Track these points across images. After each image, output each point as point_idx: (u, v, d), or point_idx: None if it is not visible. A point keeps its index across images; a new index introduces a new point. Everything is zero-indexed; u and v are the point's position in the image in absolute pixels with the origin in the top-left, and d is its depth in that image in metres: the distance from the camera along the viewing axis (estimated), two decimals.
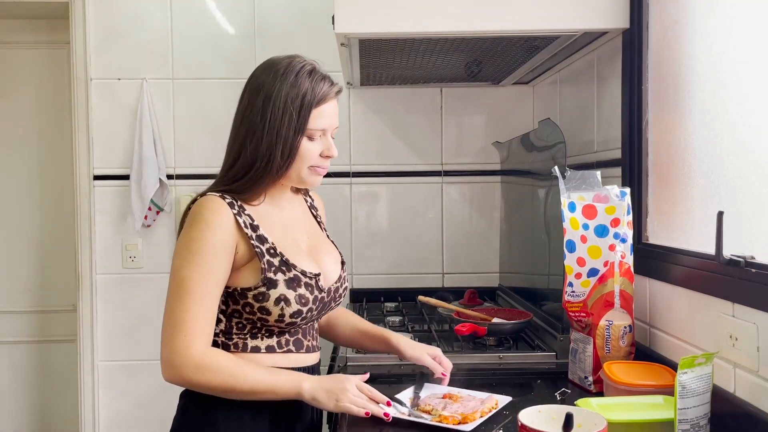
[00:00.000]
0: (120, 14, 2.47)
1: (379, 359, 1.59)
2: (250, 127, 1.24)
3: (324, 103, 1.26)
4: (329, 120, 1.28)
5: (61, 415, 2.83)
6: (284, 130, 1.23)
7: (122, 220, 2.49)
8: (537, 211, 1.92)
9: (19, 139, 2.82)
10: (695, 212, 1.36)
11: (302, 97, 1.23)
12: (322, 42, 2.42)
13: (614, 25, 1.59)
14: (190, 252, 1.19)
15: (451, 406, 1.23)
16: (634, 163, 1.59)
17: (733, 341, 1.14)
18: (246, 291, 1.23)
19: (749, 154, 1.19)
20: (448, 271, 2.55)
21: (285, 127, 1.23)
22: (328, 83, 1.27)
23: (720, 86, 1.28)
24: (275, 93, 1.23)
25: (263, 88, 1.25)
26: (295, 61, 1.27)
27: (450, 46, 1.79)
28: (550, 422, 0.98)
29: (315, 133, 1.26)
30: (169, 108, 2.49)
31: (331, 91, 1.27)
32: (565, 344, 1.53)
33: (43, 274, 2.84)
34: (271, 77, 1.25)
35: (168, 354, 1.17)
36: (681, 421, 1.03)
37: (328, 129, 1.28)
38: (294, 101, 1.23)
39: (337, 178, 2.49)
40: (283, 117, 1.23)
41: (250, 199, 1.28)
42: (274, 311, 1.23)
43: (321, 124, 1.26)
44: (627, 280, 1.40)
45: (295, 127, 1.24)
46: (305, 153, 1.26)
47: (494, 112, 2.53)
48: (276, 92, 1.23)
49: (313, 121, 1.25)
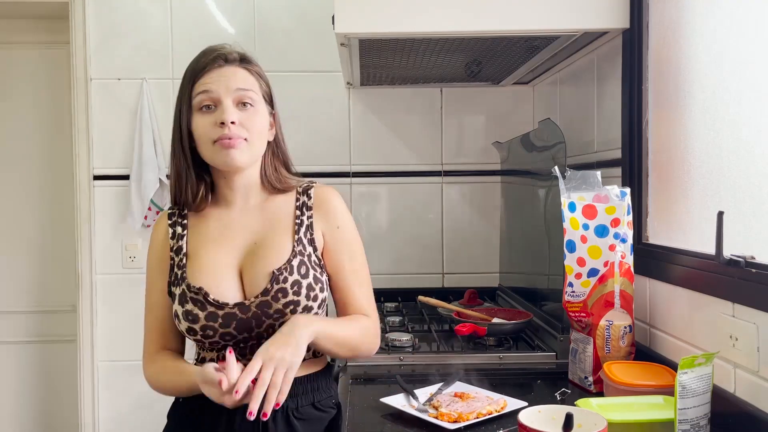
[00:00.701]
0: (120, 14, 2.47)
1: (379, 359, 1.59)
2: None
3: (206, 73, 1.21)
4: (213, 84, 1.19)
5: (61, 415, 2.83)
6: (177, 115, 1.23)
7: (122, 220, 2.49)
8: (537, 211, 1.92)
9: (19, 140, 2.82)
10: (695, 212, 1.36)
11: (184, 75, 1.24)
12: (322, 42, 2.43)
13: (614, 25, 1.59)
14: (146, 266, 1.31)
15: (456, 404, 1.24)
16: (634, 163, 1.58)
17: (733, 341, 1.14)
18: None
19: (749, 154, 1.19)
20: (448, 271, 2.55)
21: (178, 112, 1.23)
22: (211, 51, 1.23)
23: (720, 86, 1.28)
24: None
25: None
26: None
27: (450, 46, 1.79)
28: (550, 422, 0.98)
29: (201, 100, 1.19)
30: (169, 108, 2.46)
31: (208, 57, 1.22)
32: (565, 344, 1.52)
33: (43, 274, 2.84)
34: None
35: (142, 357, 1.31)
36: (681, 421, 1.03)
37: (218, 95, 1.19)
38: (182, 84, 1.24)
39: (337, 178, 2.49)
40: (177, 104, 1.24)
41: (195, 204, 1.26)
42: (177, 326, 1.24)
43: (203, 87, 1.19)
44: (627, 280, 1.40)
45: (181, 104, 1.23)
46: (197, 128, 1.20)
47: (494, 112, 2.53)
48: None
49: (195, 90, 1.21)
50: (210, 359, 1.23)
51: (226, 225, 1.26)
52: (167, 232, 1.27)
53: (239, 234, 1.26)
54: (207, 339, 1.20)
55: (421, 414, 1.21)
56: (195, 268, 1.22)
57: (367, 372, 1.54)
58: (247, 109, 1.21)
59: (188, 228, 1.26)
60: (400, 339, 1.69)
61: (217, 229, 1.26)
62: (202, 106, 1.19)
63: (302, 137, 2.46)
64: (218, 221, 1.27)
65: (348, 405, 1.32)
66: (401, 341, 1.69)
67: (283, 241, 1.24)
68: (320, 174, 2.47)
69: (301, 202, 1.29)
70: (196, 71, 1.21)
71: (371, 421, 1.23)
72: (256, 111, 1.22)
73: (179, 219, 1.27)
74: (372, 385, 1.46)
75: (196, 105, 1.20)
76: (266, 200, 1.29)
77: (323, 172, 2.48)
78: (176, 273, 1.24)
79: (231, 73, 1.21)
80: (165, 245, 1.27)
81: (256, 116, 1.21)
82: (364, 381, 1.49)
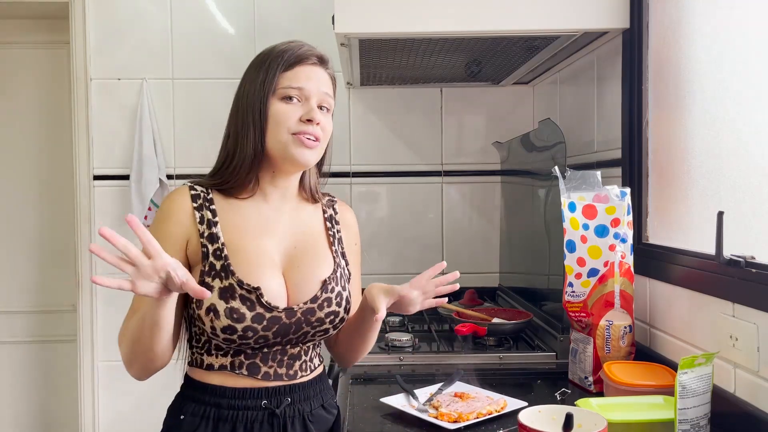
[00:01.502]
0: (120, 14, 2.47)
1: (379, 359, 1.59)
2: (231, 115, 1.21)
3: (298, 66, 1.18)
4: (306, 82, 1.17)
5: (61, 415, 2.82)
6: (258, 95, 1.16)
7: (122, 220, 2.49)
8: (537, 211, 1.92)
9: (19, 139, 2.82)
10: (695, 212, 1.36)
11: (270, 61, 1.18)
12: (322, 42, 2.38)
13: (614, 25, 1.59)
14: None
15: (456, 404, 1.24)
16: (634, 163, 1.58)
17: (733, 341, 1.14)
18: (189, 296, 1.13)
19: (749, 154, 1.19)
20: (448, 271, 2.54)
21: (254, 91, 1.17)
22: (305, 47, 1.20)
23: (720, 86, 1.28)
24: (249, 69, 1.21)
25: (244, 75, 1.22)
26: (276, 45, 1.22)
27: (450, 46, 1.79)
28: (550, 422, 0.98)
29: (290, 92, 1.16)
30: (169, 108, 2.49)
31: (304, 53, 1.19)
32: (565, 344, 1.52)
33: (43, 274, 2.84)
34: (250, 64, 1.23)
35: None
36: (681, 421, 1.03)
37: (308, 92, 1.17)
38: (263, 65, 1.18)
39: (337, 178, 2.48)
40: (251, 84, 1.18)
41: (238, 190, 1.20)
42: (206, 322, 1.12)
43: (296, 82, 1.16)
44: (627, 280, 1.40)
45: (262, 89, 1.16)
46: (278, 115, 1.15)
47: (494, 112, 2.53)
48: (248, 69, 1.21)
49: (286, 81, 1.16)
50: (220, 366, 1.16)
51: (264, 220, 1.21)
52: (192, 215, 1.16)
53: (279, 234, 1.22)
54: (242, 340, 1.13)
55: (421, 414, 1.21)
56: (242, 263, 1.14)
57: (367, 372, 1.54)
58: (324, 113, 1.21)
59: (218, 215, 1.17)
60: (400, 339, 1.69)
61: (254, 223, 1.20)
62: (286, 96, 1.16)
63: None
64: (255, 214, 1.21)
65: (348, 405, 1.32)
66: (401, 341, 1.69)
67: (325, 251, 1.25)
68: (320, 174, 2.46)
69: (328, 215, 1.31)
70: (289, 61, 1.17)
71: (371, 421, 1.23)
72: (330, 117, 1.23)
73: (205, 203, 1.17)
74: (372, 385, 1.46)
75: (281, 94, 1.16)
76: (297, 207, 1.27)
77: (323, 171, 2.47)
78: (213, 263, 1.13)
79: (321, 74, 1.21)
80: (189, 228, 1.16)
81: (330, 122, 1.22)
82: (364, 381, 1.49)
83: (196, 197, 1.18)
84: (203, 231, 1.15)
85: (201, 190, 1.19)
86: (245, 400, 1.15)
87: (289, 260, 1.20)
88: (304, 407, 1.20)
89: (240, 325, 1.11)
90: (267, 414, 1.16)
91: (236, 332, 1.11)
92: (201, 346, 1.18)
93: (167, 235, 1.14)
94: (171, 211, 1.16)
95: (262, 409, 1.16)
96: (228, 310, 1.11)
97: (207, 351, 1.17)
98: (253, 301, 1.12)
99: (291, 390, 1.19)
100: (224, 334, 1.12)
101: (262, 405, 1.16)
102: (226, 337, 1.12)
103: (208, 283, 1.12)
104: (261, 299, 1.12)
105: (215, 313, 1.11)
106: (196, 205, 1.16)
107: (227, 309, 1.11)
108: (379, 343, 1.67)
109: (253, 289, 1.12)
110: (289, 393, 1.19)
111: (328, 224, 1.29)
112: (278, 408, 1.16)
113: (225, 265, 1.13)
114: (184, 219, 1.16)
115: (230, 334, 1.12)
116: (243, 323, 1.11)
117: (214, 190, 1.20)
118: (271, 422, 1.16)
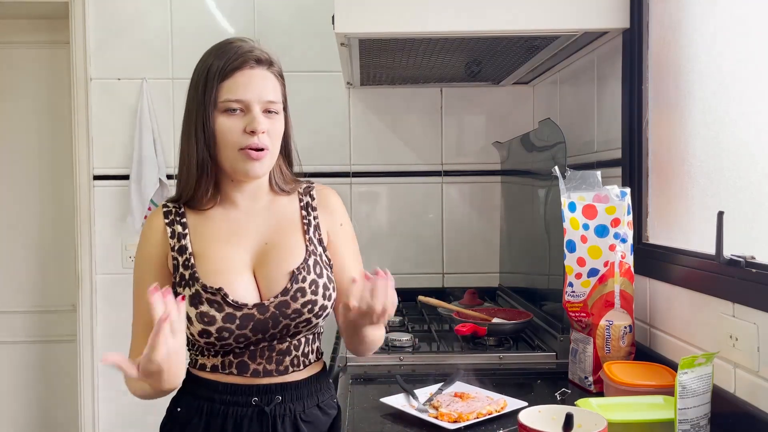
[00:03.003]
0: (120, 14, 2.47)
1: (379, 359, 1.59)
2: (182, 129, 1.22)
3: (235, 73, 1.15)
4: (245, 91, 1.15)
5: (61, 415, 2.82)
6: (194, 110, 1.16)
7: (122, 220, 2.49)
8: (537, 211, 1.92)
9: (18, 139, 2.82)
10: (695, 212, 1.36)
11: (206, 72, 1.15)
12: (322, 42, 2.42)
13: (614, 25, 1.59)
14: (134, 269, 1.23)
15: (456, 404, 1.24)
16: (634, 163, 1.58)
17: (734, 341, 1.14)
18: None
19: (749, 154, 1.19)
20: (448, 271, 2.55)
21: (195, 106, 1.16)
22: (237, 54, 1.16)
23: (720, 86, 1.28)
24: (193, 77, 1.19)
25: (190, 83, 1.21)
26: (213, 46, 1.20)
27: (450, 46, 1.79)
28: (550, 422, 0.98)
29: (230, 105, 1.14)
30: (169, 108, 2.49)
31: (240, 59, 1.15)
32: (565, 344, 1.52)
33: (43, 274, 2.84)
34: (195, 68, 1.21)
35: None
36: (681, 421, 1.03)
37: (248, 101, 1.15)
38: (200, 77, 1.16)
39: (337, 178, 2.48)
40: (191, 99, 1.18)
41: (200, 203, 1.21)
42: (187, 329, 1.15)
43: (235, 95, 1.14)
44: (627, 280, 1.40)
45: (204, 103, 1.15)
46: (223, 130, 1.14)
47: (494, 112, 2.53)
48: (193, 75, 1.19)
49: (225, 93, 1.14)
50: (212, 366, 1.19)
51: (234, 225, 1.23)
52: (164, 231, 1.20)
53: (248, 235, 1.23)
54: (221, 341, 1.15)
55: (421, 414, 1.21)
56: (208, 269, 1.17)
57: (367, 372, 1.54)
58: (271, 116, 1.18)
59: (189, 227, 1.20)
60: (400, 339, 1.69)
61: (223, 230, 1.22)
62: (227, 109, 1.15)
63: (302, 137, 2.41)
64: (224, 221, 1.22)
65: (348, 405, 1.32)
66: (401, 341, 1.69)
67: (296, 241, 1.24)
68: (320, 174, 2.47)
69: (305, 202, 1.30)
70: (225, 71, 1.15)
71: (371, 421, 1.23)
72: (279, 117, 1.21)
73: (176, 218, 1.21)
74: (372, 385, 1.46)
75: (222, 107, 1.15)
76: (272, 201, 1.28)
77: (323, 172, 2.48)
78: (183, 273, 1.17)
79: (261, 78, 1.17)
80: (163, 245, 1.20)
81: (278, 123, 1.20)
82: (364, 381, 1.49)
83: (167, 213, 1.22)
84: (174, 245, 1.20)
85: (173, 206, 1.23)
86: (236, 396, 1.18)
87: (260, 258, 1.21)
88: (296, 406, 1.20)
89: (212, 327, 1.14)
90: (257, 411, 1.18)
91: (211, 335, 1.15)
92: (194, 348, 1.23)
93: (146, 257, 1.22)
94: (146, 235, 1.23)
95: (252, 405, 1.18)
96: (198, 315, 1.14)
97: (200, 352, 1.21)
98: (220, 302, 1.15)
99: (282, 388, 1.20)
100: (202, 338, 1.16)
101: (252, 402, 1.18)
102: (205, 340, 1.16)
103: (179, 292, 1.17)
104: (227, 299, 1.15)
105: (189, 320, 1.14)
106: (167, 220, 1.21)
107: (198, 314, 1.14)
108: None
109: (216, 290, 1.15)
110: (280, 391, 1.19)
111: (303, 212, 1.28)
112: (268, 406, 1.17)
113: (192, 273, 1.17)
114: (159, 238, 1.21)
115: (207, 338, 1.15)
116: (215, 325, 1.14)
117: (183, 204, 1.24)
118: (260, 420, 1.18)
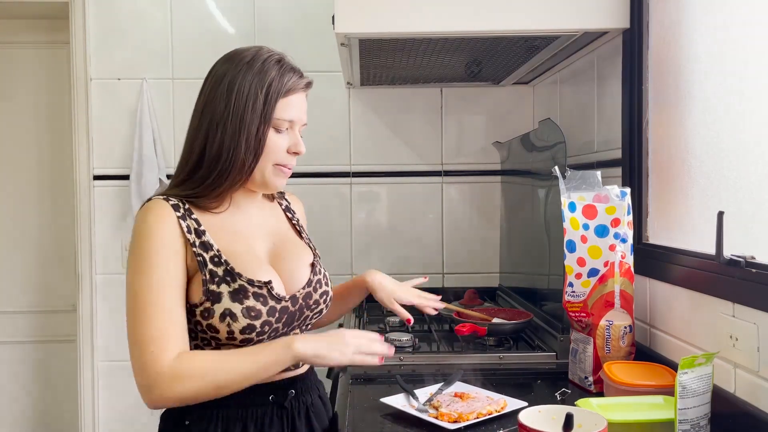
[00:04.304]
0: (120, 14, 2.47)
1: None
2: (213, 117, 1.16)
3: (292, 94, 1.19)
4: (297, 112, 1.20)
5: (61, 415, 2.83)
6: (248, 117, 1.14)
7: (122, 220, 2.49)
8: (537, 211, 1.92)
9: (19, 139, 2.82)
10: (695, 212, 1.36)
11: (269, 85, 1.16)
12: (322, 42, 2.42)
13: (614, 25, 1.59)
14: (141, 262, 1.09)
15: (456, 404, 1.24)
16: (634, 163, 1.58)
17: (734, 341, 1.14)
18: (194, 308, 1.11)
19: (749, 154, 1.19)
20: (448, 271, 2.55)
21: (250, 113, 1.14)
22: (297, 75, 1.20)
23: (720, 86, 1.28)
24: (240, 79, 1.15)
25: (227, 76, 1.17)
26: (262, 51, 1.20)
27: (450, 46, 1.79)
28: (550, 422, 0.98)
29: (282, 124, 1.18)
30: (169, 108, 2.49)
31: (300, 82, 1.20)
32: (566, 344, 1.52)
33: (43, 274, 2.84)
34: (234, 65, 1.17)
35: (141, 379, 1.06)
36: (681, 421, 1.03)
37: (296, 122, 1.20)
38: (260, 88, 1.15)
39: (337, 178, 2.49)
40: (247, 103, 1.14)
41: (213, 204, 1.18)
42: (221, 329, 1.10)
43: (289, 115, 1.18)
44: (627, 280, 1.40)
45: (261, 116, 1.15)
46: (272, 146, 1.17)
47: (494, 112, 2.53)
48: (241, 79, 1.15)
49: (281, 111, 1.17)
50: None
51: (242, 226, 1.23)
52: (179, 226, 1.13)
53: (258, 235, 1.25)
54: (260, 337, 1.13)
55: (421, 414, 1.21)
56: (243, 264, 1.15)
57: (367, 372, 1.54)
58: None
59: (203, 225, 1.16)
60: (400, 339, 1.69)
61: (235, 230, 1.21)
62: (278, 126, 1.18)
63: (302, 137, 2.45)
64: (234, 222, 1.22)
65: (348, 405, 1.32)
66: (401, 341, 1.69)
67: (298, 240, 1.34)
68: (320, 174, 2.47)
69: (285, 206, 1.38)
70: (283, 87, 1.17)
71: (371, 421, 1.23)
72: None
73: (187, 213, 1.15)
74: (372, 385, 1.46)
75: (276, 124, 1.17)
76: (264, 206, 1.33)
77: (323, 172, 2.48)
78: (214, 270, 1.12)
79: (305, 102, 1.24)
80: (181, 237, 1.12)
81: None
82: (364, 381, 1.49)
83: (176, 207, 1.14)
84: (194, 240, 1.13)
85: (177, 201, 1.16)
86: (253, 396, 1.16)
87: (274, 255, 1.24)
88: (306, 399, 1.23)
89: (258, 321, 1.13)
90: (275, 408, 1.19)
91: (255, 330, 1.13)
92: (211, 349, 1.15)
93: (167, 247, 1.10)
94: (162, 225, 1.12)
95: (270, 404, 1.18)
96: (245, 310, 1.11)
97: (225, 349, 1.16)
98: (265, 295, 1.14)
99: (293, 381, 1.22)
100: (243, 334, 1.12)
101: (270, 400, 1.18)
102: (245, 337, 1.12)
103: (214, 290, 1.11)
104: (272, 292, 1.15)
105: (232, 317, 1.10)
106: (179, 214, 1.14)
107: (244, 309, 1.11)
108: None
109: (264, 284, 1.15)
110: (292, 385, 1.21)
111: (288, 215, 1.37)
112: (285, 401, 1.19)
113: (228, 269, 1.13)
114: (176, 231, 1.12)
115: (249, 333, 1.12)
116: (260, 319, 1.13)
117: (187, 201, 1.18)
118: (280, 416, 1.18)
